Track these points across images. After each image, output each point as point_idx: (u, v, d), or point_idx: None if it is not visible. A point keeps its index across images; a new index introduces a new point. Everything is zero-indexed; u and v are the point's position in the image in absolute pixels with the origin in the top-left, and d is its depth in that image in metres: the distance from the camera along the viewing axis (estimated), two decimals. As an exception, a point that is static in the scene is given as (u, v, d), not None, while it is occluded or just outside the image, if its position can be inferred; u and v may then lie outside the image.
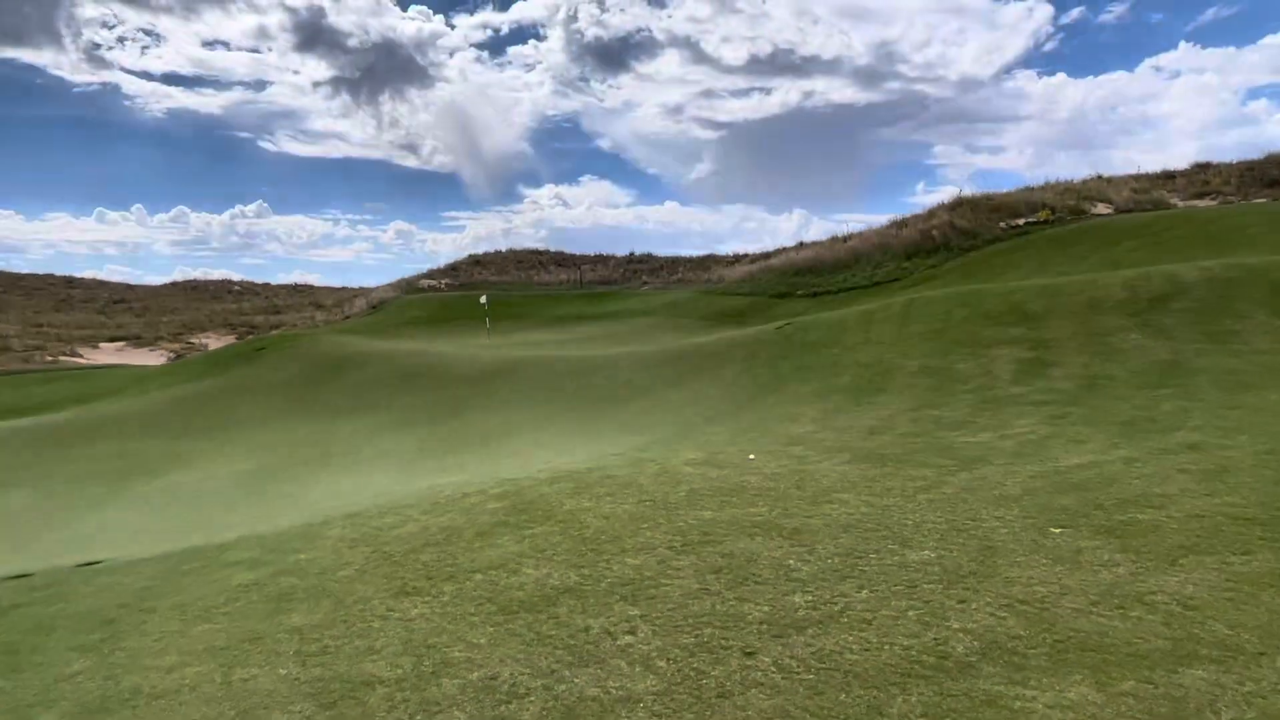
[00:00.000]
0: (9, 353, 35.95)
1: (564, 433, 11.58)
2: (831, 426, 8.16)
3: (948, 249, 25.29)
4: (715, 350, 15.38)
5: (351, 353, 23.45)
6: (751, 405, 10.55)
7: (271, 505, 8.82)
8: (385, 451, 12.66)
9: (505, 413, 14.92)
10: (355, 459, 12.48)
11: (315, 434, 15.52)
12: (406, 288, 52.65)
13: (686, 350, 16.19)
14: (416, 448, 12.83)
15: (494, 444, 11.74)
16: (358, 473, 10.87)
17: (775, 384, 11.56)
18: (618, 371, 16.09)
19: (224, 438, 15.95)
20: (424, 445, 13.07)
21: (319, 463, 12.43)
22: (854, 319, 14.24)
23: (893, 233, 28.97)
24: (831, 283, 27.58)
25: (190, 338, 49.35)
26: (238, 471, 12.21)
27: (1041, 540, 4.06)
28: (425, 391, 18.32)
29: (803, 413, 9.18)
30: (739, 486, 5.65)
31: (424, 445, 13.07)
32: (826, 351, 12.59)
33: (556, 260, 60.49)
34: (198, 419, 17.89)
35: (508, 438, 12.23)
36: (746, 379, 12.49)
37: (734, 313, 29.58)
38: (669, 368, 15.19)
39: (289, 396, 19.70)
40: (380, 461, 11.77)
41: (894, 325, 13.03)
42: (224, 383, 22.16)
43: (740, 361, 13.88)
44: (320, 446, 14.12)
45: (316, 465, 12.23)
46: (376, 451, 12.90)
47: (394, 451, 12.52)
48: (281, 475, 11.58)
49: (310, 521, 6.29)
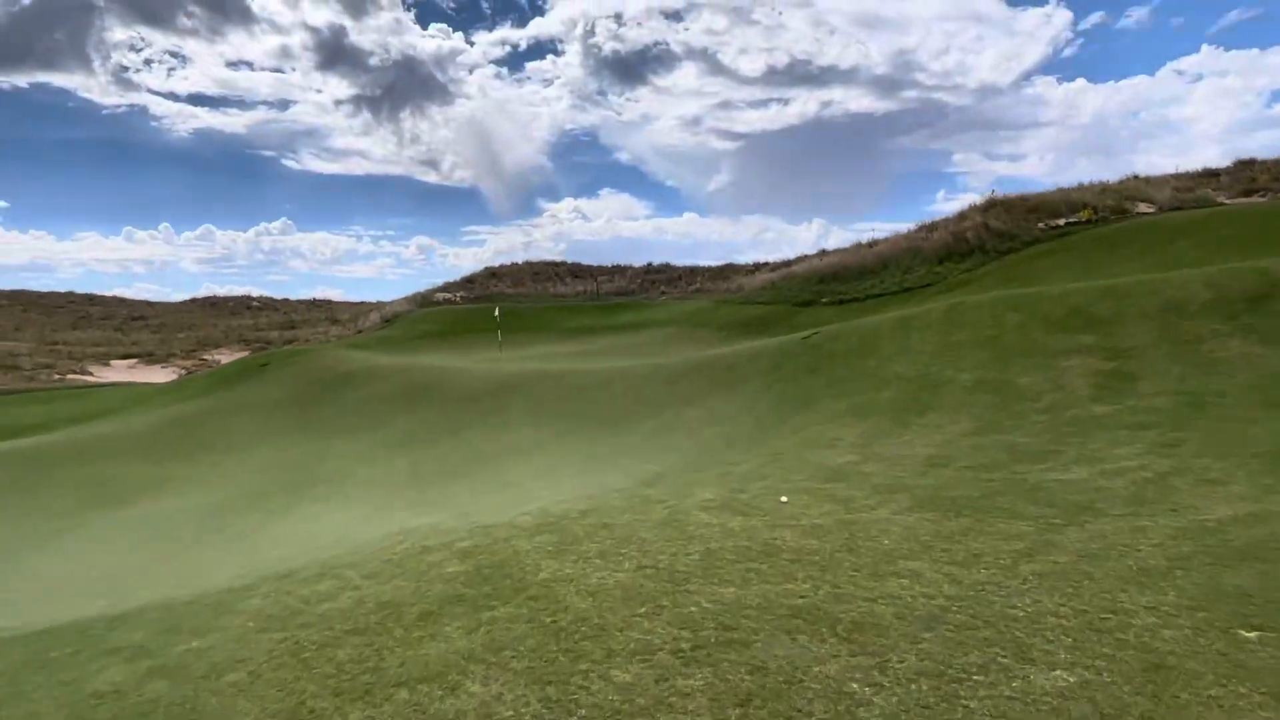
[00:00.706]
0: (16, 371, 35.40)
1: (566, 458, 10.30)
2: (878, 455, 6.79)
3: (983, 252, 23.74)
4: (735, 362, 14.03)
5: (356, 368, 22.39)
6: (778, 426, 9.19)
7: (220, 550, 7.60)
8: (371, 480, 11.43)
9: (507, 433, 13.68)
10: (338, 487, 11.26)
11: (306, 456, 14.36)
12: (421, 301, 51.86)
13: (704, 363, 14.86)
14: (407, 473, 11.60)
15: (489, 470, 10.47)
16: (332, 505, 9.65)
17: (804, 401, 10.19)
18: (630, 387, 14.80)
19: (210, 461, 14.84)
20: (416, 469, 11.84)
21: (298, 492, 11.23)
22: (889, 326, 12.84)
23: (922, 236, 27.46)
24: (858, 289, 26.11)
25: (203, 354, 48.83)
26: (209, 503, 11.04)
27: (1232, 651, 2.69)
28: (427, 409, 17.15)
29: (840, 436, 7.82)
30: (770, 546, 4.31)
31: (416, 469, 11.84)
32: (861, 363, 11.20)
33: (573, 272, 59.48)
34: (189, 440, 16.83)
35: (505, 463, 10.96)
36: (771, 395, 11.13)
37: (755, 322, 28.20)
38: (685, 382, 13.87)
39: (288, 415, 18.63)
40: (362, 491, 10.54)
41: (936, 333, 11.62)
42: (223, 401, 21.15)
43: (763, 375, 12.53)
44: (307, 471, 12.93)
45: (294, 495, 11.03)
46: (363, 478, 11.68)
47: (380, 480, 11.29)
48: (252, 507, 10.39)
49: (233, 585, 5.03)
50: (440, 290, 55.50)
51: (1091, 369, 8.21)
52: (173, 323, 66.20)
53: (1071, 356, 8.78)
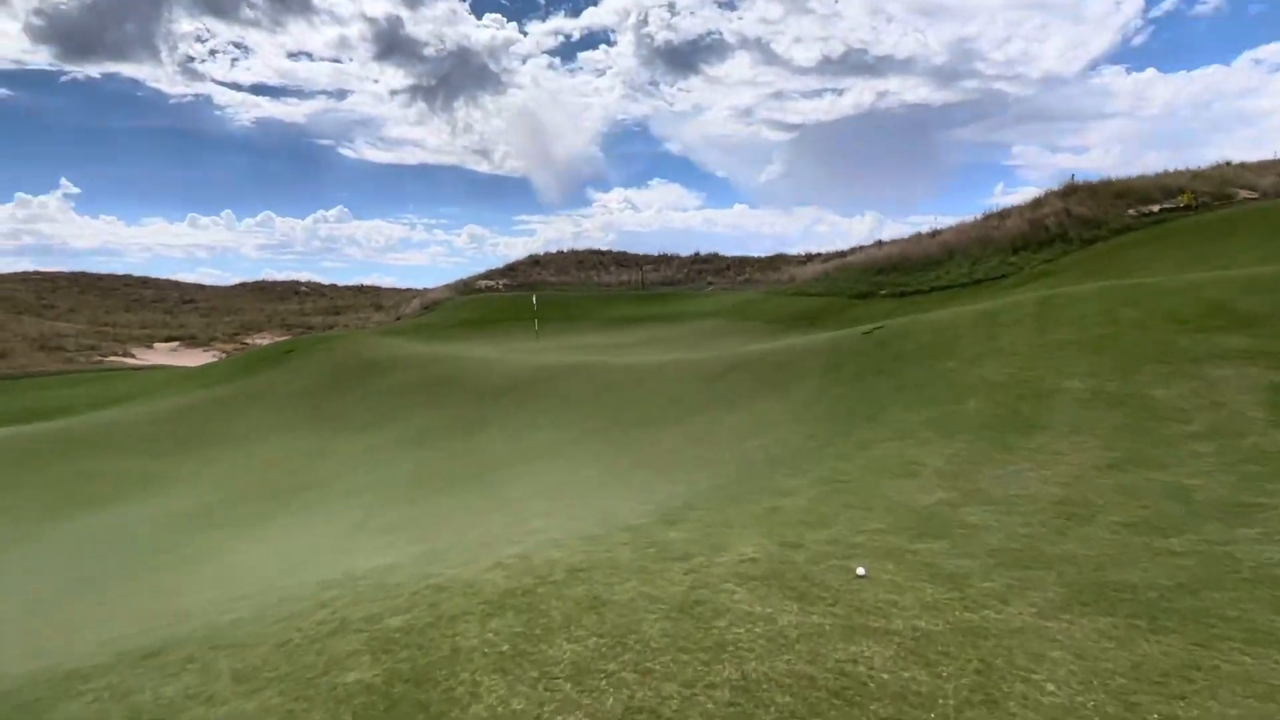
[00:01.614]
0: (59, 353, 35.41)
1: (581, 470, 8.73)
2: (980, 492, 5.04)
3: (1064, 240, 21.39)
4: (786, 359, 12.29)
5: (382, 357, 21.22)
6: (838, 441, 7.46)
7: (140, 587, 6.22)
8: (365, 487, 10.03)
9: (526, 434, 12.19)
10: (327, 494, 9.88)
11: (307, 454, 13.11)
12: (463, 288, 51.02)
13: (750, 358, 13.14)
14: (406, 479, 10.17)
15: (490, 483, 8.95)
16: (309, 520, 8.24)
17: (870, 409, 8.42)
18: (666, 383, 13.19)
19: (209, 456, 13.70)
20: (417, 475, 10.41)
21: (283, 499, 9.90)
22: (969, 322, 10.95)
23: (993, 224, 25.14)
24: (921, 281, 23.96)
25: (245, 338, 48.78)
26: (184, 509, 9.78)
27: None
28: (447, 403, 15.81)
29: (922, 460, 6.07)
30: (848, 679, 2.64)
31: (417, 475, 10.41)
32: (937, 365, 9.37)
33: (618, 260, 58.02)
34: (192, 432, 15.77)
35: (513, 472, 9.45)
36: (829, 400, 9.38)
37: (807, 315, 26.27)
38: (727, 380, 12.20)
39: (301, 406, 17.49)
40: (348, 502, 9.13)
41: (1029, 330, 9.71)
42: (241, 388, 20.18)
43: (818, 375, 10.77)
44: (302, 473, 11.63)
45: (277, 502, 9.70)
46: (357, 484, 10.30)
47: (374, 487, 9.88)
48: (226, 517, 9.08)
49: (80, 667, 3.58)
50: (482, 278, 54.63)
51: (1256, 381, 6.29)
52: (221, 306, 66.85)
53: (1222, 364, 6.85)
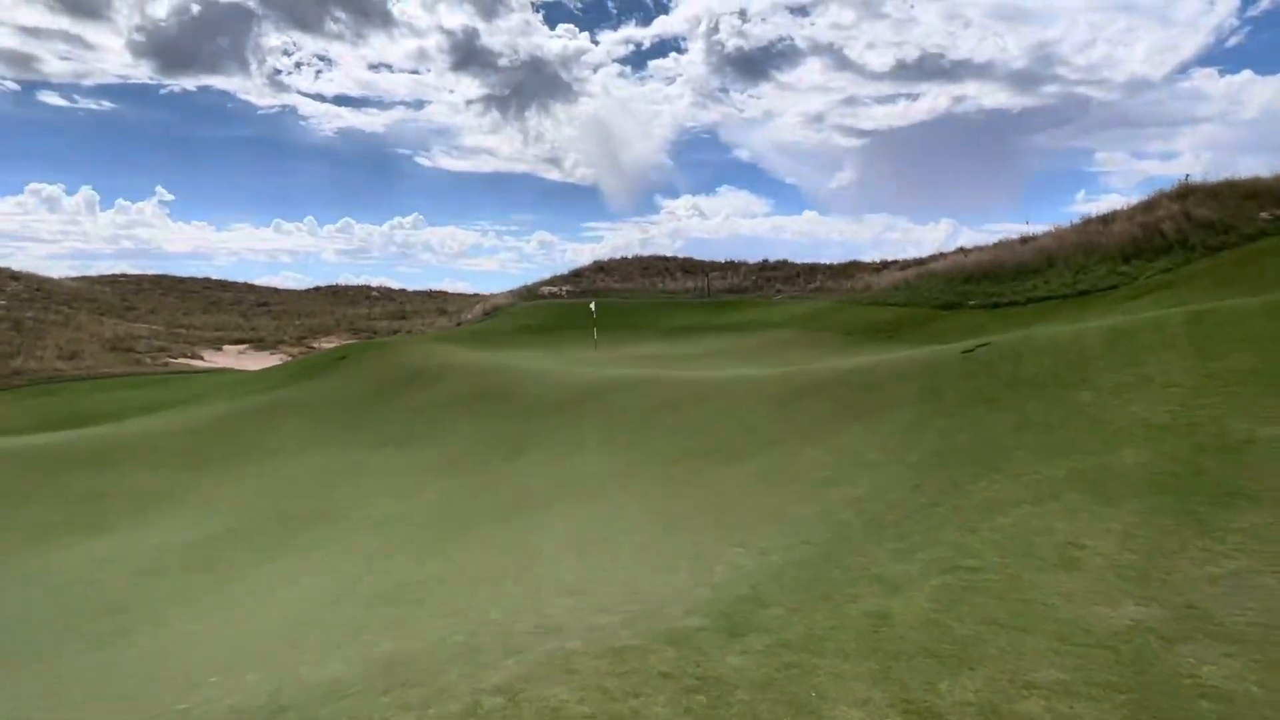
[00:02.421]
0: (129, 354, 35.98)
1: (626, 515, 7.26)
2: (1200, 613, 3.36)
3: (1184, 247, 18.89)
4: (871, 380, 10.59)
5: (432, 365, 20.28)
6: (953, 498, 5.78)
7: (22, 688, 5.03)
8: (378, 522, 8.77)
9: (569, 461, 10.82)
10: (334, 532, 8.64)
11: (334, 474, 12.04)
12: (526, 294, 50.43)
13: (828, 378, 11.48)
14: (426, 514, 8.88)
15: (518, 528, 7.56)
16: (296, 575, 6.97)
17: (988, 453, 6.70)
18: (731, 405, 11.64)
19: (234, 473, 12.78)
20: (441, 510, 9.11)
21: (288, 534, 8.73)
22: (1099, 342, 9.06)
23: (1097, 229, 22.66)
24: (1016, 291, 21.69)
25: (311, 341, 49.20)
26: (176, 544, 8.66)
27: None
28: (493, 418, 14.62)
29: (1082, 541, 4.39)
30: None
31: (441, 510, 9.11)
32: (1068, 397, 7.56)
33: (684, 267, 56.60)
34: (227, 443, 14.97)
35: (544, 517, 8.03)
36: (931, 438, 7.67)
37: (885, 327, 24.25)
38: (803, 404, 10.57)
39: (342, 417, 16.59)
40: (352, 544, 7.87)
41: (1185, 356, 7.80)
42: (287, 397, 19.49)
43: (913, 404, 9.06)
44: (321, 500, 10.50)
45: (278, 539, 8.52)
46: (371, 518, 9.05)
47: (387, 523, 8.60)
48: (212, 558, 7.91)
49: None
50: (546, 284, 53.94)
51: None
52: (293, 309, 68.12)
53: None
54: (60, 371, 28.27)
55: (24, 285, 56.01)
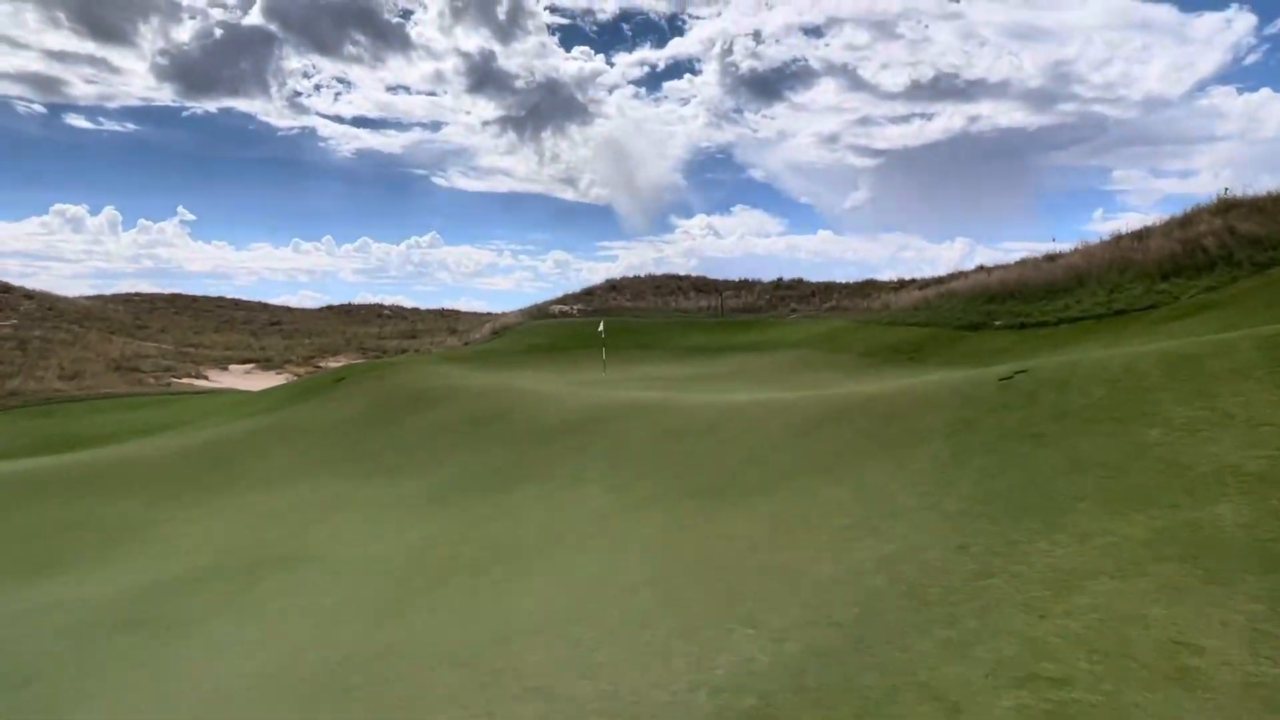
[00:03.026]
0: (134, 374, 35.51)
1: (616, 577, 6.29)
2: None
3: (1230, 264, 17.76)
4: (896, 409, 9.59)
5: (435, 387, 19.47)
6: (1009, 562, 4.78)
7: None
8: (346, 571, 7.85)
9: (565, 498, 9.88)
10: (296, 582, 7.74)
11: (315, 509, 11.16)
12: (536, 313, 49.75)
13: (849, 405, 10.48)
14: (395, 569, 7.90)
15: (497, 584, 6.60)
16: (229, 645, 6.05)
17: (1041, 501, 5.68)
18: (743, 433, 10.68)
19: (211, 505, 11.93)
20: (412, 561, 8.14)
21: (249, 582, 7.81)
22: (1157, 369, 8.01)
23: (1131, 245, 21.55)
24: (1046, 311, 20.59)
25: (320, 361, 48.70)
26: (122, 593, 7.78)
27: None
28: (492, 446, 13.72)
29: (1195, 640, 3.39)
30: None
31: (412, 561, 8.14)
32: (1130, 434, 6.53)
33: (697, 286, 55.80)
34: (211, 471, 14.15)
35: (528, 567, 7.08)
36: (970, 479, 6.66)
37: (906, 348, 23.20)
38: (821, 434, 9.58)
39: (333, 444, 15.75)
40: (304, 606, 6.96)
41: (1267, 386, 6.75)
42: (281, 420, 18.70)
43: (945, 437, 8.04)
44: (294, 540, 9.59)
45: (234, 592, 7.59)
46: (339, 567, 8.12)
47: (354, 576, 7.67)
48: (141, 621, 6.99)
49: None
50: (557, 302, 53.25)
51: None
52: (304, 329, 67.85)
53: None
54: (59, 392, 27.74)
55: (37, 304, 55.97)
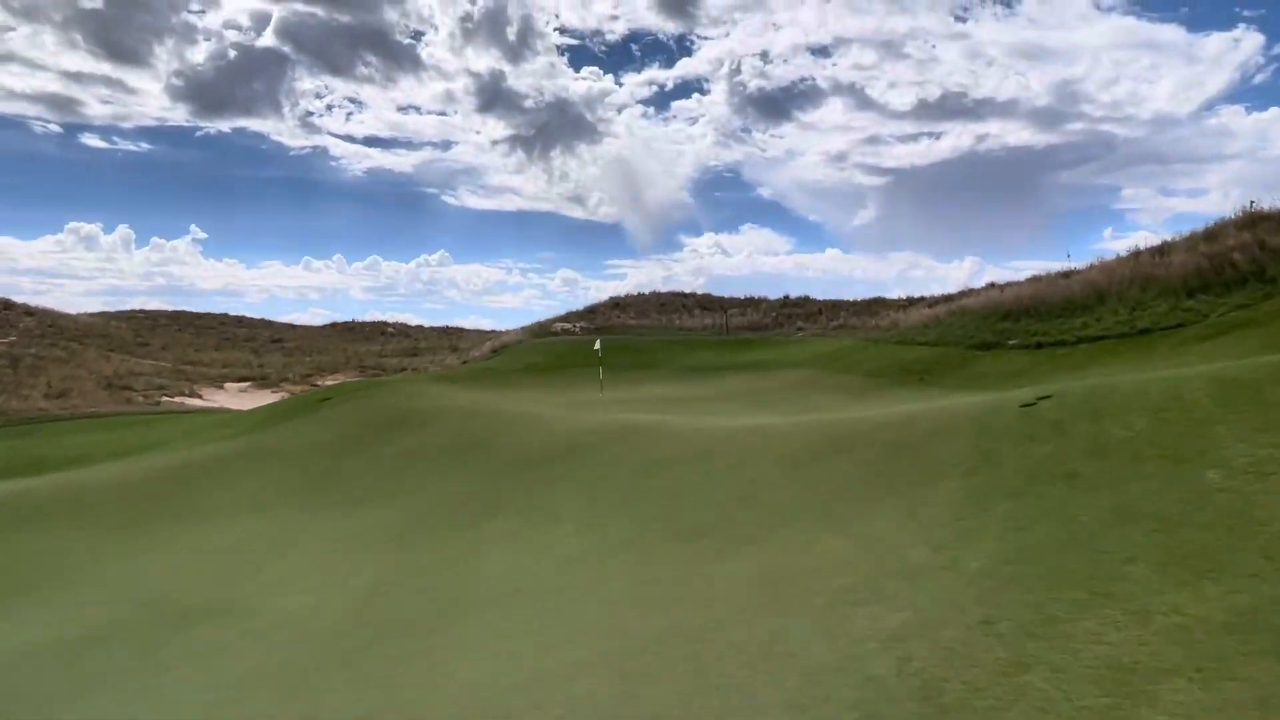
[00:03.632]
0: (125, 392, 34.75)
1: (576, 645, 5.29)
2: None
3: (1262, 279, 16.70)
4: (905, 439, 8.57)
5: (421, 408, 18.55)
6: (1046, 650, 3.76)
7: None
8: (275, 627, 6.88)
9: (537, 535, 8.89)
10: (218, 636, 6.78)
11: (267, 544, 10.19)
12: (538, 331, 48.92)
13: (853, 434, 9.47)
14: (331, 623, 6.93)
15: (440, 648, 5.61)
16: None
17: (1084, 565, 4.65)
18: (735, 465, 9.68)
19: (158, 538, 10.98)
20: (355, 609, 7.18)
21: (161, 640, 6.84)
22: (1205, 396, 6.99)
23: (1153, 260, 20.51)
24: (1063, 330, 19.53)
25: (317, 379, 47.90)
26: (17, 649, 6.88)
27: None
28: (467, 474, 12.76)
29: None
30: None
31: (355, 609, 7.18)
32: (1184, 475, 5.51)
33: (702, 304, 54.88)
34: (169, 500, 13.22)
35: (481, 627, 6.08)
36: (995, 530, 5.63)
37: (916, 368, 22.15)
38: (821, 469, 8.57)
39: (305, 469, 14.81)
40: (210, 676, 6.01)
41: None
42: (254, 443, 17.79)
43: (962, 475, 7.02)
44: (231, 583, 8.62)
45: (140, 653, 6.63)
46: (269, 623, 7.14)
47: (282, 632, 6.70)
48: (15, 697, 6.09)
49: None
50: (560, 320, 52.44)
51: None
52: (306, 346, 67.21)
53: None
54: (44, 411, 26.97)
55: (37, 321, 55.47)
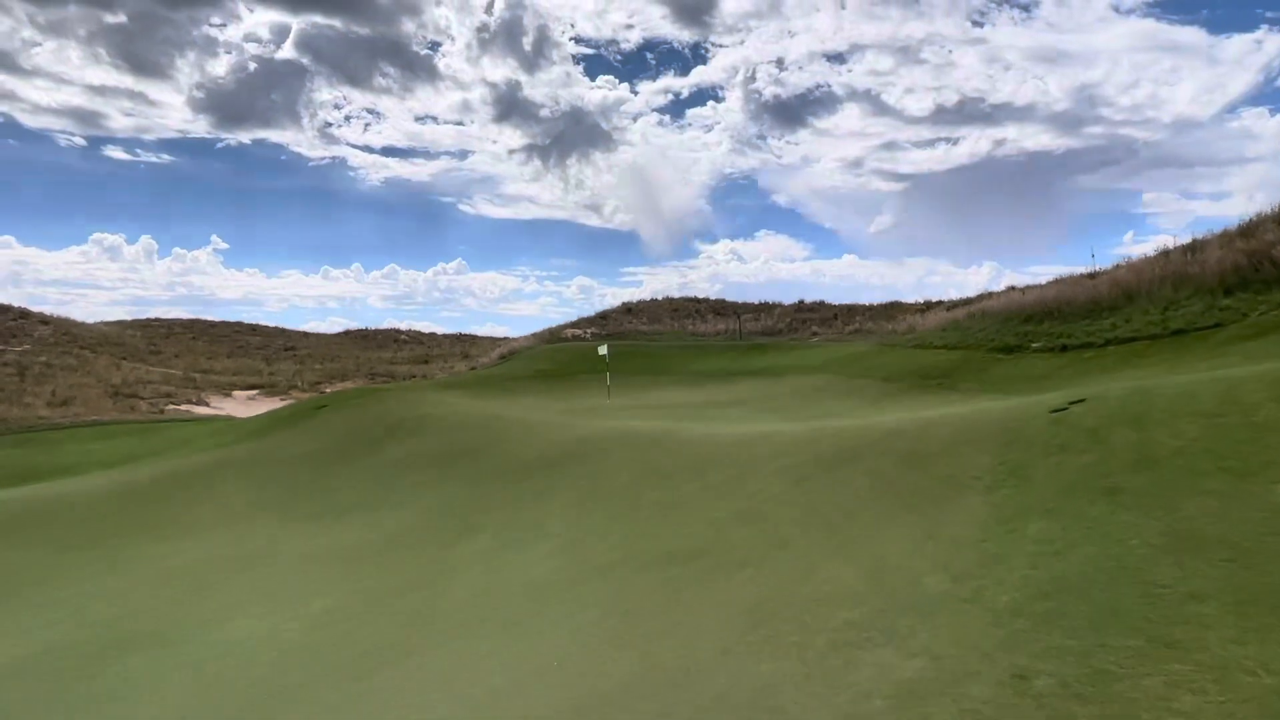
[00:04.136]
0: (131, 400, 34.45)
1: (533, 693, 4.53)
2: None
3: (1304, 277, 15.70)
4: (922, 449, 7.72)
5: (414, 417, 17.87)
6: (1092, 707, 2.97)
7: None
8: (224, 651, 6.17)
9: (516, 555, 8.13)
10: (142, 671, 6.07)
11: (226, 564, 9.50)
12: (549, 337, 48.31)
13: (863, 443, 8.62)
14: (279, 649, 6.22)
15: (376, 698, 4.87)
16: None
17: (1136, 603, 3.81)
18: (737, 477, 8.86)
19: (122, 555, 10.32)
20: (299, 641, 6.46)
21: (83, 676, 6.15)
22: (1266, 398, 6.11)
23: (1185, 259, 19.46)
24: (1090, 332, 18.53)
25: (326, 386, 47.53)
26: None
27: None
28: (454, 484, 12.07)
29: None
30: None
31: (299, 641, 6.46)
32: (1250, 492, 4.64)
33: (715, 309, 54.00)
34: (141, 513, 12.60)
35: (445, 659, 5.32)
36: (1025, 556, 4.78)
37: (934, 372, 21.19)
38: (828, 481, 7.73)
39: (284, 482, 14.16)
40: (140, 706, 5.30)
41: None
42: (243, 453, 17.19)
43: (986, 489, 6.17)
44: (175, 608, 7.92)
45: (54, 693, 5.96)
46: (212, 649, 6.45)
47: (233, 654, 6.00)
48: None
49: None
50: (571, 326, 51.81)
51: None
52: (318, 354, 67.08)
53: None
54: (43, 420, 26.62)
55: (52, 330, 55.57)
